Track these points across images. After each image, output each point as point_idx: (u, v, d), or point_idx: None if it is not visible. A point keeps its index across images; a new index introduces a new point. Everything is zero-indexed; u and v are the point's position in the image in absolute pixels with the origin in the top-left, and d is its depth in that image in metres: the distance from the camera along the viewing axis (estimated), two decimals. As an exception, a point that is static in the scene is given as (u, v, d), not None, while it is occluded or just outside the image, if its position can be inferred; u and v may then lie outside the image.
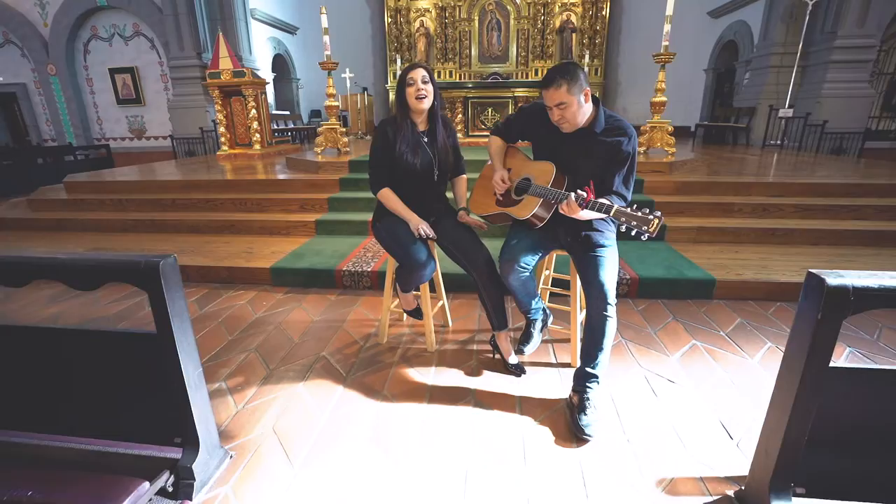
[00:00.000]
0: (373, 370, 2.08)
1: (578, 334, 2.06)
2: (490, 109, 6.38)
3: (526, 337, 2.08)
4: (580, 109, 1.67)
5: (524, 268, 1.82)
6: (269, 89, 10.49)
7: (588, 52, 10.79)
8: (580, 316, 2.08)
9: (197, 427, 1.36)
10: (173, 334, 1.25)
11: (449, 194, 2.20)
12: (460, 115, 6.35)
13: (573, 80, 1.62)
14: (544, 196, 1.75)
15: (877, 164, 5.61)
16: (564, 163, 1.79)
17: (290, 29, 11.46)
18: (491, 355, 2.16)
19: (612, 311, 1.67)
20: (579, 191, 1.59)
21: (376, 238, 2.06)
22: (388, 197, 2.00)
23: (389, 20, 11.59)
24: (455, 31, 11.26)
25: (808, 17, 7.53)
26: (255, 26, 9.88)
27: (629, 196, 1.75)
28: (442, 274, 2.39)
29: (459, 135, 6.35)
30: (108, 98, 9.83)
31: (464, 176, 2.21)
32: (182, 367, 1.28)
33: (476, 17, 11.23)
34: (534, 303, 2.00)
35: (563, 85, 1.62)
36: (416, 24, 11.56)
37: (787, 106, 7.83)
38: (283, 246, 3.58)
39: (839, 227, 3.53)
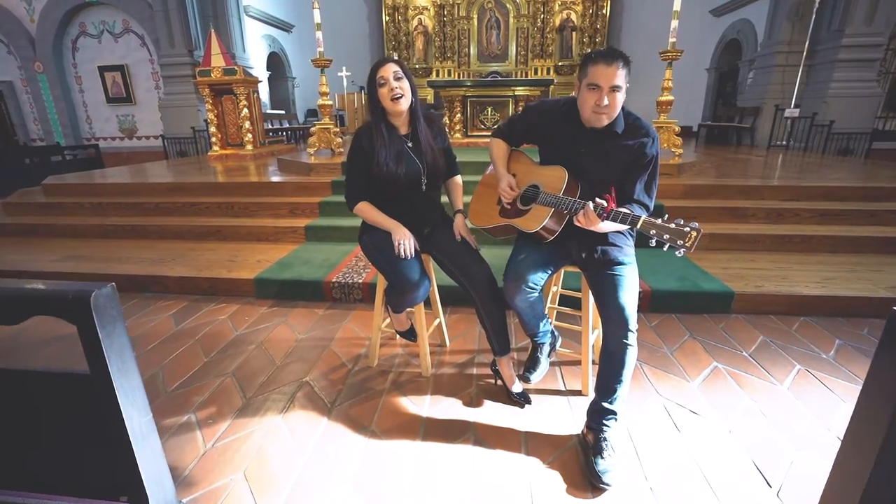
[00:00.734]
0: (361, 399, 1.86)
1: (590, 357, 1.86)
2: (490, 109, 6.15)
3: (532, 363, 1.87)
4: (622, 103, 1.48)
5: (532, 288, 1.60)
6: (264, 88, 10.27)
7: (589, 50, 10.59)
8: (592, 337, 1.88)
9: (145, 484, 1.14)
10: (111, 377, 1.03)
11: (445, 198, 1.99)
12: (459, 115, 6.12)
13: (629, 67, 1.44)
14: (556, 206, 1.53)
15: (888, 165, 5.42)
16: (577, 167, 1.57)
17: (285, 26, 11.23)
18: (493, 381, 1.94)
19: (632, 338, 1.46)
20: (598, 199, 1.38)
21: (363, 252, 1.85)
22: (366, 210, 1.79)
23: (387, 18, 11.38)
24: (454, 30, 11.06)
25: (814, 15, 7.36)
26: (249, 23, 9.65)
27: (651, 205, 1.55)
28: (437, 286, 2.17)
29: (458, 135, 6.14)
30: (98, 97, 9.58)
31: (458, 177, 1.98)
32: (124, 415, 1.06)
33: (475, 16, 11.03)
34: (541, 325, 1.79)
35: (624, 67, 1.42)
36: (415, 23, 11.35)
37: (792, 105, 7.65)
38: (270, 254, 3.36)
39: (857, 234, 3.33)
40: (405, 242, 1.70)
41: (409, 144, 1.78)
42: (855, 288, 2.61)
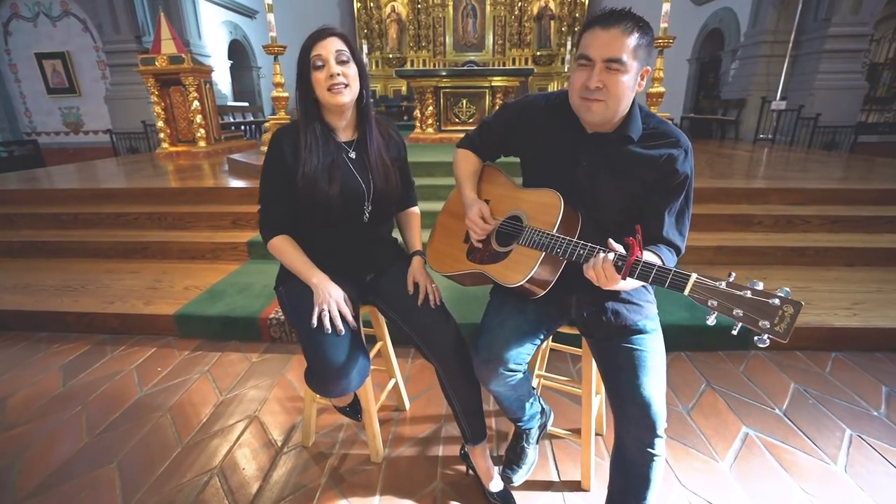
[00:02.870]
0: (284, 506, 1.37)
1: (592, 434, 1.39)
2: (465, 101, 5.64)
3: (516, 455, 1.39)
4: (628, 91, 0.97)
5: (514, 371, 1.12)
6: (226, 79, 9.53)
7: (568, 39, 10.18)
8: (595, 405, 1.41)
9: None
10: None
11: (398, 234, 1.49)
12: (431, 108, 5.59)
13: (647, 36, 0.95)
14: (548, 248, 1.04)
15: (889, 163, 5.13)
16: (575, 189, 1.09)
17: (247, 12, 10.42)
18: (463, 470, 1.47)
19: (661, 446, 1.00)
20: (615, 244, 0.91)
21: (281, 308, 1.34)
22: (284, 250, 1.27)
23: (359, 5, 10.74)
24: (429, 18, 10.50)
25: (800, 4, 7.07)
26: (207, 8, 8.87)
27: (683, 247, 1.08)
28: (389, 325, 1.65)
29: (430, 129, 5.61)
30: (37, 87, 8.69)
31: (414, 209, 1.49)
32: None
33: (450, 3, 10.50)
34: (528, 407, 1.31)
35: (632, 32, 0.93)
36: (388, 10, 10.76)
37: (778, 97, 7.38)
38: (202, 277, 2.81)
39: (875, 245, 2.96)
40: (332, 310, 1.17)
41: (351, 155, 1.27)
42: (893, 317, 2.22)
